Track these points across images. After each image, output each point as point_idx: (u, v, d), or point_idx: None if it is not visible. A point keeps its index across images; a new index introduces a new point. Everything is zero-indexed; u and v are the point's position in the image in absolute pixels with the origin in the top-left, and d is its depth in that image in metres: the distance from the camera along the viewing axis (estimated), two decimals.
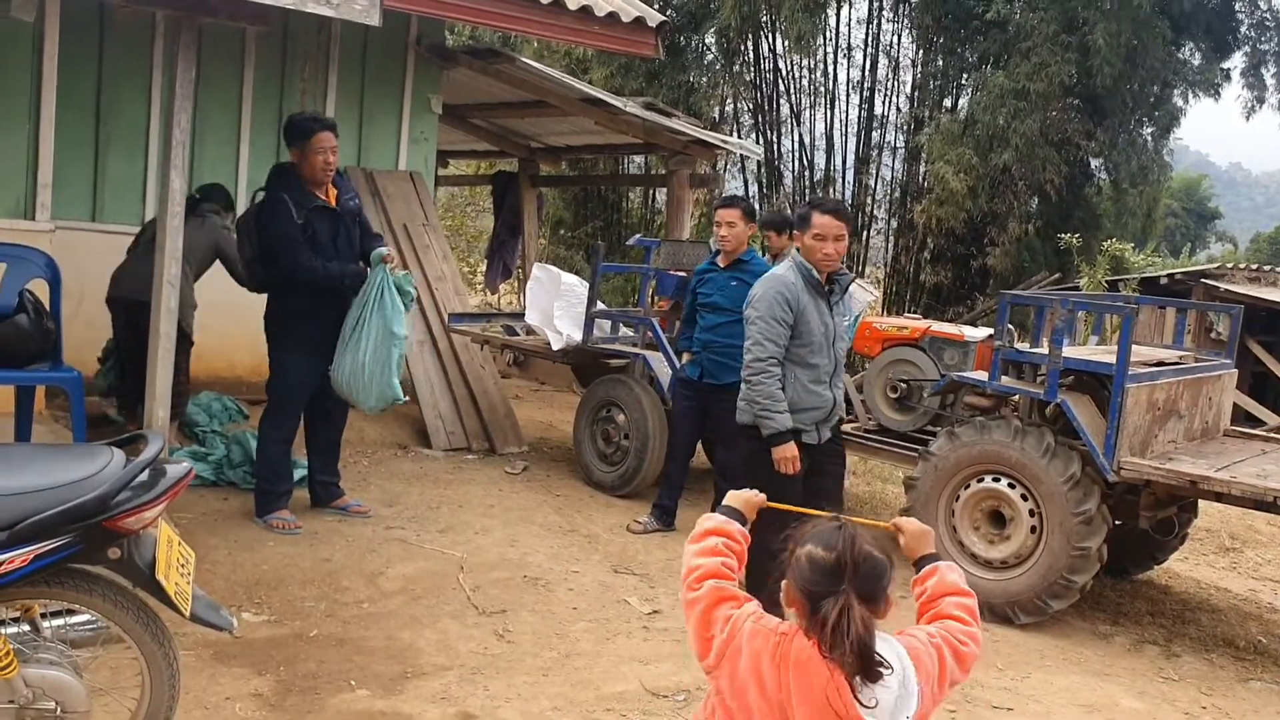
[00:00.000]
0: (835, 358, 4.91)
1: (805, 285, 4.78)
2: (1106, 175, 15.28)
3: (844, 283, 4.94)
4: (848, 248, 4.83)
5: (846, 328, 5.03)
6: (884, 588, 2.05)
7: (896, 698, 2.00)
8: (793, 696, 2.01)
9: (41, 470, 2.77)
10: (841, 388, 5.02)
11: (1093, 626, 5.66)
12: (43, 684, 2.84)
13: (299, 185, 5.50)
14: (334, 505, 5.94)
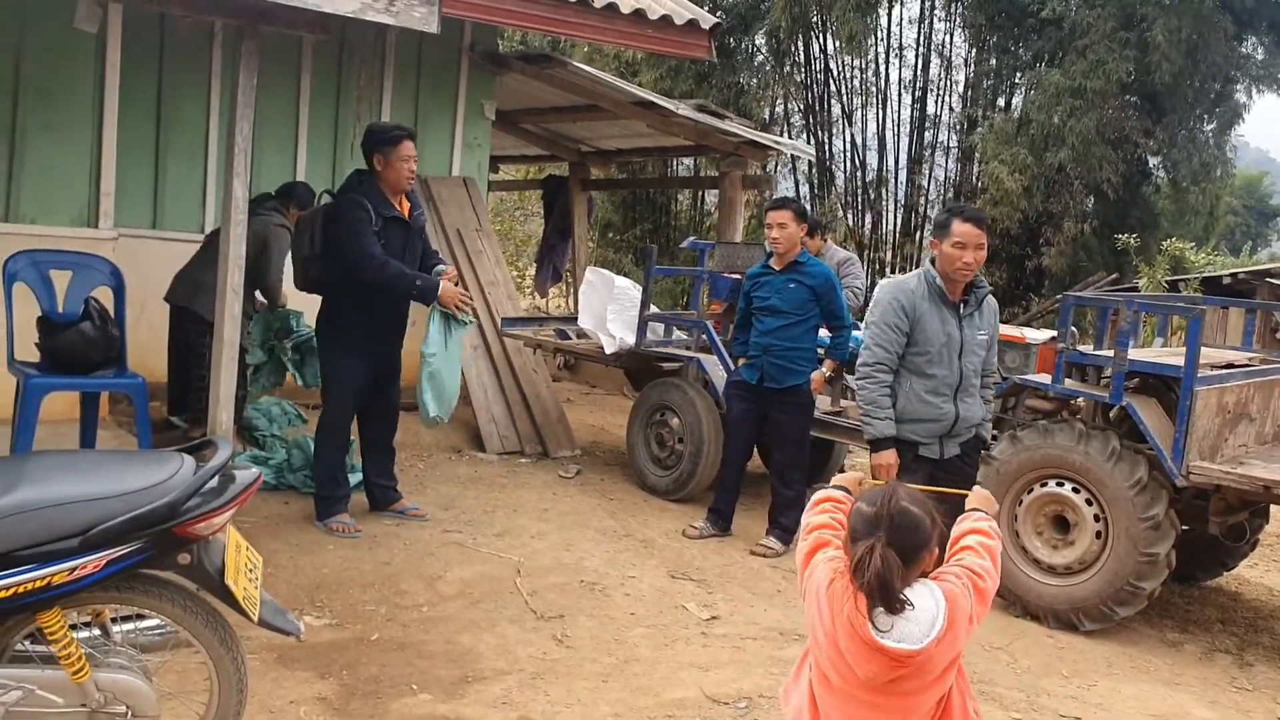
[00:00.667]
0: (962, 371, 4.70)
1: (928, 293, 4.67)
2: (1165, 173, 15.02)
3: (979, 295, 4.76)
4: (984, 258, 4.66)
5: (983, 341, 4.77)
6: (918, 541, 2.36)
7: (924, 632, 2.30)
8: (837, 619, 2.37)
9: (113, 477, 2.80)
10: (975, 404, 4.77)
11: (1161, 634, 5.54)
12: (114, 688, 2.87)
13: (379, 193, 5.53)
14: (392, 509, 5.97)
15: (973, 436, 4.82)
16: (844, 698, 2.42)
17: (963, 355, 4.68)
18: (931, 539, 2.40)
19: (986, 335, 4.74)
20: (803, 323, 6.13)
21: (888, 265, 15.96)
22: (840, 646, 2.37)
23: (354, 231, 5.44)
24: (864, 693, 2.38)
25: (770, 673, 4.44)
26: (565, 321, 8.76)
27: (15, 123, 6.30)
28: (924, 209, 16.22)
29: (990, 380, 4.81)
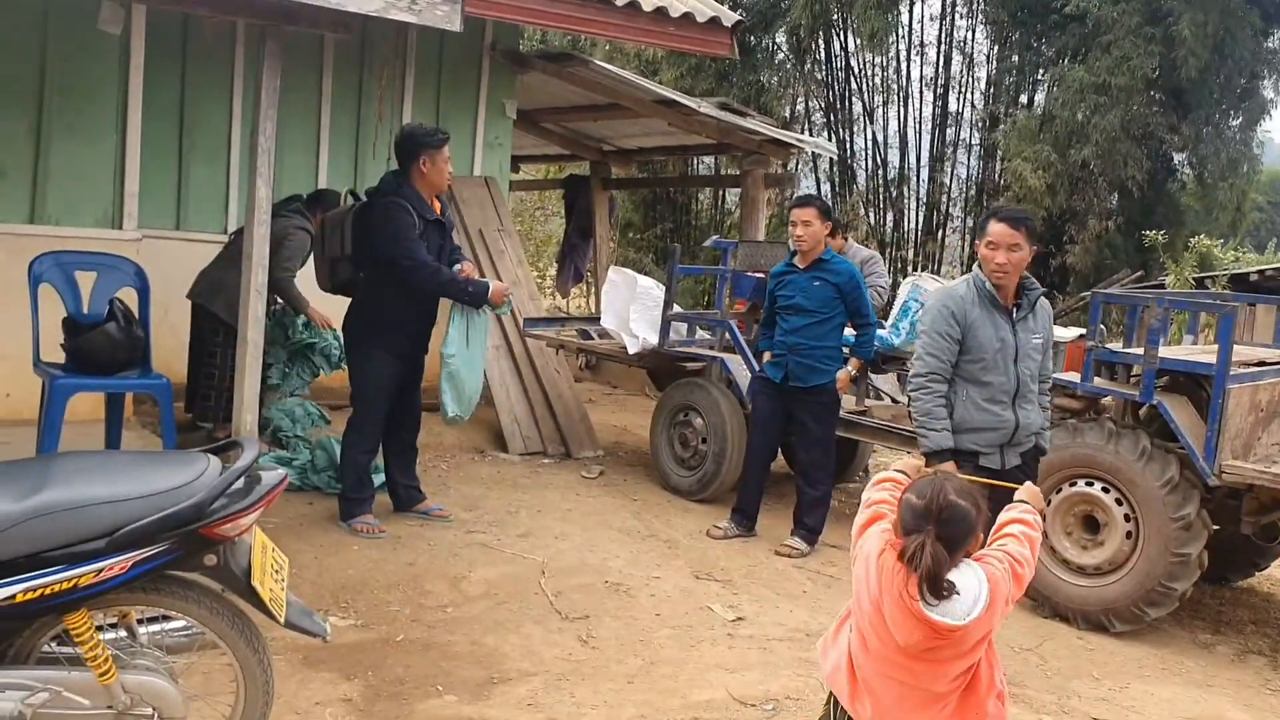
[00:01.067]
0: (1019, 377, 4.51)
1: (978, 299, 4.50)
2: (1191, 170, 14.87)
3: (1031, 298, 4.57)
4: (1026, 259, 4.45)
5: (1038, 345, 4.58)
6: (964, 531, 2.55)
7: (966, 609, 2.49)
8: (884, 588, 2.57)
9: (140, 478, 2.79)
10: (1033, 410, 4.57)
11: (1193, 635, 5.48)
12: (140, 689, 2.86)
13: (418, 196, 5.55)
14: (416, 509, 5.96)
15: (1032, 446, 4.61)
16: (880, 660, 2.61)
17: (1018, 361, 4.49)
18: (976, 527, 2.59)
19: (1041, 339, 4.55)
20: (828, 321, 6.08)
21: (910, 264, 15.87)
22: (884, 613, 2.56)
23: (405, 238, 5.45)
24: (900, 657, 2.57)
25: (797, 674, 4.41)
26: (587, 321, 8.74)
27: (40, 125, 6.32)
28: (946, 207, 16.13)
29: (1047, 386, 4.63)
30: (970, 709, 2.64)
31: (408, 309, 5.60)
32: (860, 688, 2.66)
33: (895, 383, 7.84)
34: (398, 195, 5.52)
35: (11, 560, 2.63)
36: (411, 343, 5.70)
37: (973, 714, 2.64)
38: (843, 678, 2.70)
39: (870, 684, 2.64)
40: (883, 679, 2.62)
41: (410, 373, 5.78)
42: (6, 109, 6.23)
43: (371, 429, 5.73)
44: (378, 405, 5.70)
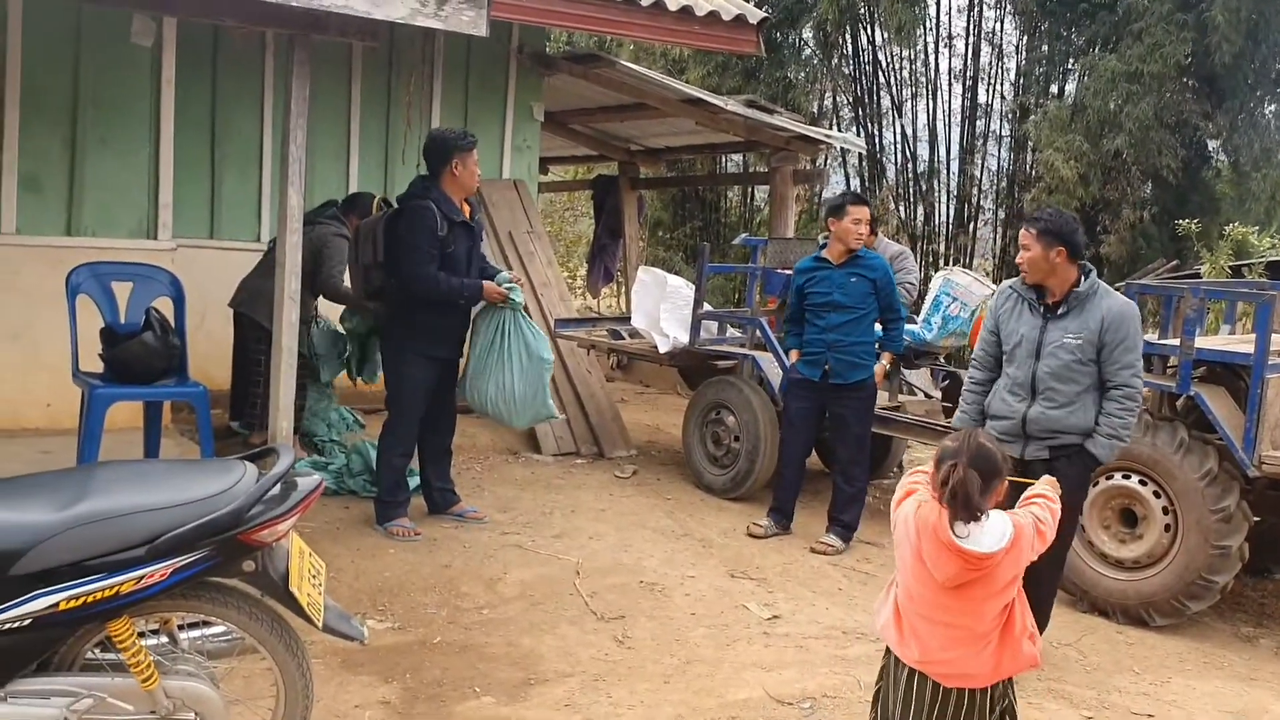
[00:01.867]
0: (1035, 373, 4.49)
1: (1016, 295, 4.63)
2: (1226, 158, 14.67)
3: (1078, 300, 4.48)
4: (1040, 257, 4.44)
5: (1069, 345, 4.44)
6: (991, 469, 2.93)
7: (994, 541, 2.90)
8: (922, 535, 2.95)
9: (178, 486, 2.83)
10: (1065, 410, 4.47)
11: (1234, 629, 5.42)
12: (182, 695, 2.89)
13: (446, 198, 5.61)
14: (451, 511, 5.99)
15: (1070, 445, 4.49)
16: (923, 603, 2.98)
17: (1040, 357, 4.48)
18: (1003, 472, 2.98)
19: (1078, 340, 4.43)
20: (866, 317, 6.11)
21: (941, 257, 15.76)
22: (924, 556, 2.94)
23: (411, 249, 5.54)
24: (941, 596, 2.94)
25: (834, 672, 4.40)
26: (618, 321, 8.75)
27: (75, 138, 6.42)
28: (977, 200, 15.99)
29: (1119, 394, 4.43)
30: (1008, 647, 3.00)
31: (439, 314, 5.64)
32: (907, 633, 3.03)
33: (929, 378, 7.80)
34: (425, 198, 5.59)
35: (55, 569, 2.67)
36: (446, 347, 5.74)
37: (1010, 652, 3.00)
38: (891, 627, 3.07)
39: (916, 628, 3.01)
40: (927, 622, 2.98)
41: (445, 376, 5.82)
42: (42, 123, 6.33)
43: (406, 432, 5.77)
44: (413, 409, 5.74)
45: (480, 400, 5.83)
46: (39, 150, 6.34)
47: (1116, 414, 4.44)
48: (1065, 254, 4.42)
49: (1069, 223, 4.48)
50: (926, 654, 2.99)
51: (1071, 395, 4.47)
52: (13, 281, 6.24)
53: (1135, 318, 4.48)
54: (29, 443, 6.03)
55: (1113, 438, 4.47)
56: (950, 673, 3.00)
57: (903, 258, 8.17)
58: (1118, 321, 4.42)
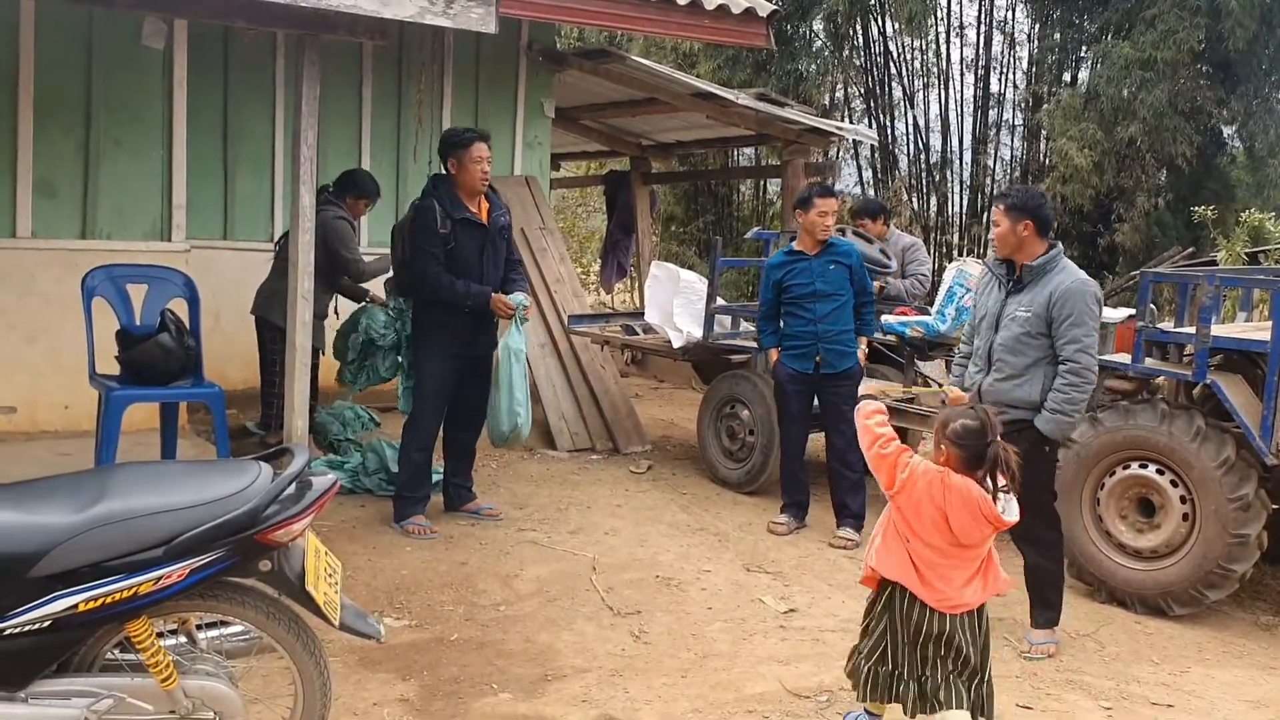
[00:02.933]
0: (990, 344, 4.73)
1: (989, 270, 4.95)
2: (1241, 144, 14.57)
3: (1031, 275, 4.65)
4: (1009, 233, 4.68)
5: (1020, 318, 4.62)
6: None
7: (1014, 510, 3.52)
8: (950, 508, 3.44)
9: (194, 487, 2.84)
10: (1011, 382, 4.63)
11: (1254, 617, 5.39)
12: (201, 694, 2.91)
13: (453, 196, 5.64)
14: (466, 508, 6.01)
15: (1020, 421, 4.58)
16: (940, 553, 3.50)
17: (997, 330, 4.73)
18: None
19: (1028, 312, 4.59)
20: (847, 304, 6.20)
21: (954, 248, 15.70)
22: (951, 521, 3.45)
23: (416, 249, 5.63)
24: (955, 550, 3.50)
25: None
26: (632, 317, 8.74)
27: (88, 141, 6.44)
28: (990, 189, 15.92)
29: (1063, 368, 4.54)
30: (990, 574, 3.59)
31: (454, 311, 5.66)
32: (927, 578, 3.50)
33: (943, 369, 7.77)
34: (429, 196, 5.66)
35: (74, 570, 2.69)
36: (463, 343, 5.73)
37: (992, 577, 3.59)
38: (911, 574, 3.51)
39: (936, 571, 3.50)
40: (942, 568, 3.50)
41: (470, 374, 5.81)
42: (55, 127, 6.36)
43: (426, 427, 5.81)
44: (434, 405, 5.79)
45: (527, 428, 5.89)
46: (53, 154, 6.37)
47: (1061, 389, 4.57)
48: (1032, 228, 4.63)
49: (1036, 198, 4.74)
50: (951, 593, 3.50)
51: (1019, 368, 4.62)
52: (29, 285, 6.27)
53: (1085, 294, 4.56)
54: (47, 445, 6.07)
55: (1057, 413, 4.57)
56: (959, 603, 3.51)
57: (915, 249, 8.15)
58: (1065, 297, 4.55)
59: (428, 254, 5.59)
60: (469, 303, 5.63)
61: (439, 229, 5.56)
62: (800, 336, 6.17)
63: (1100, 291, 4.73)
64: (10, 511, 2.71)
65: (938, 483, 3.48)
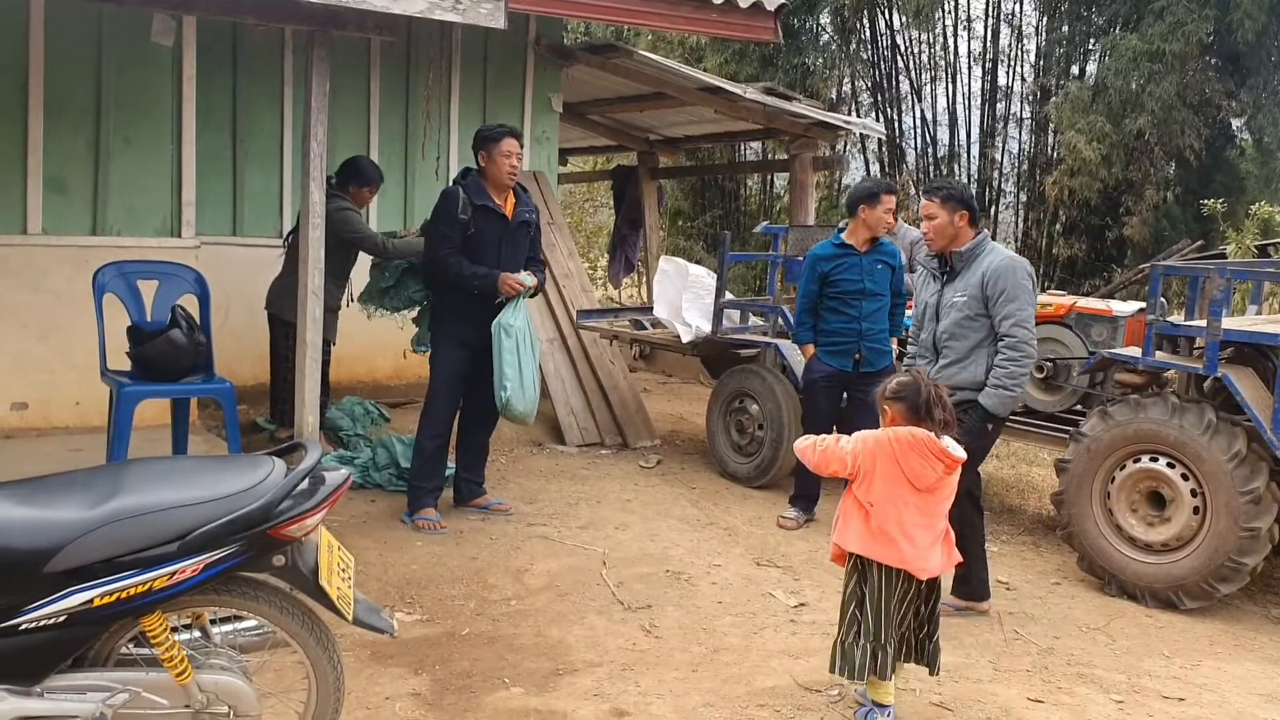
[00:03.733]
0: (935, 333, 4.92)
1: (923, 267, 5.13)
2: (1250, 136, 14.53)
3: (961, 262, 4.84)
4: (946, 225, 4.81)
5: (957, 304, 4.78)
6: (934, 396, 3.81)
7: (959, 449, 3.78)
8: (901, 456, 3.74)
9: (208, 482, 2.85)
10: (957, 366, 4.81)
11: (1265, 610, 5.38)
12: (215, 688, 2.92)
13: (479, 186, 5.68)
14: (475, 503, 6.02)
15: (963, 401, 4.69)
16: (908, 510, 3.75)
17: (939, 319, 4.88)
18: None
19: (964, 297, 4.76)
20: (886, 304, 6.18)
21: None
22: (906, 470, 3.73)
23: (432, 229, 5.70)
24: (917, 500, 3.76)
25: None
26: (640, 311, 8.74)
27: (98, 137, 6.46)
28: (998, 183, 15.91)
29: (1002, 344, 4.69)
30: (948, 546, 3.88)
31: (470, 299, 5.66)
32: (899, 540, 3.73)
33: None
34: (458, 183, 5.73)
35: (88, 566, 2.69)
36: (476, 332, 5.68)
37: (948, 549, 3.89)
38: (877, 543, 3.75)
39: (908, 534, 3.74)
40: (915, 527, 3.75)
41: (484, 366, 5.72)
42: (65, 125, 6.38)
43: (440, 416, 5.81)
44: (446, 394, 5.79)
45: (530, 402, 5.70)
46: (63, 152, 6.39)
47: (1001, 364, 4.71)
48: (967, 217, 4.79)
49: (965, 189, 4.94)
50: (917, 552, 3.74)
51: (963, 351, 4.79)
52: (41, 282, 6.30)
53: (1015, 271, 4.71)
54: (60, 441, 6.09)
55: (999, 388, 4.70)
56: (925, 566, 3.77)
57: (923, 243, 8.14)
58: (996, 275, 4.71)
59: (441, 236, 5.62)
60: (476, 284, 5.60)
61: (459, 214, 5.57)
62: (843, 334, 6.09)
63: (1031, 268, 4.87)
64: (24, 507, 2.72)
65: (885, 439, 3.78)
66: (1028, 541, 6.34)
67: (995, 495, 7.31)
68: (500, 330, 5.62)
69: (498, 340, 5.62)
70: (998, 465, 8.07)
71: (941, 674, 4.29)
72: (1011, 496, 7.38)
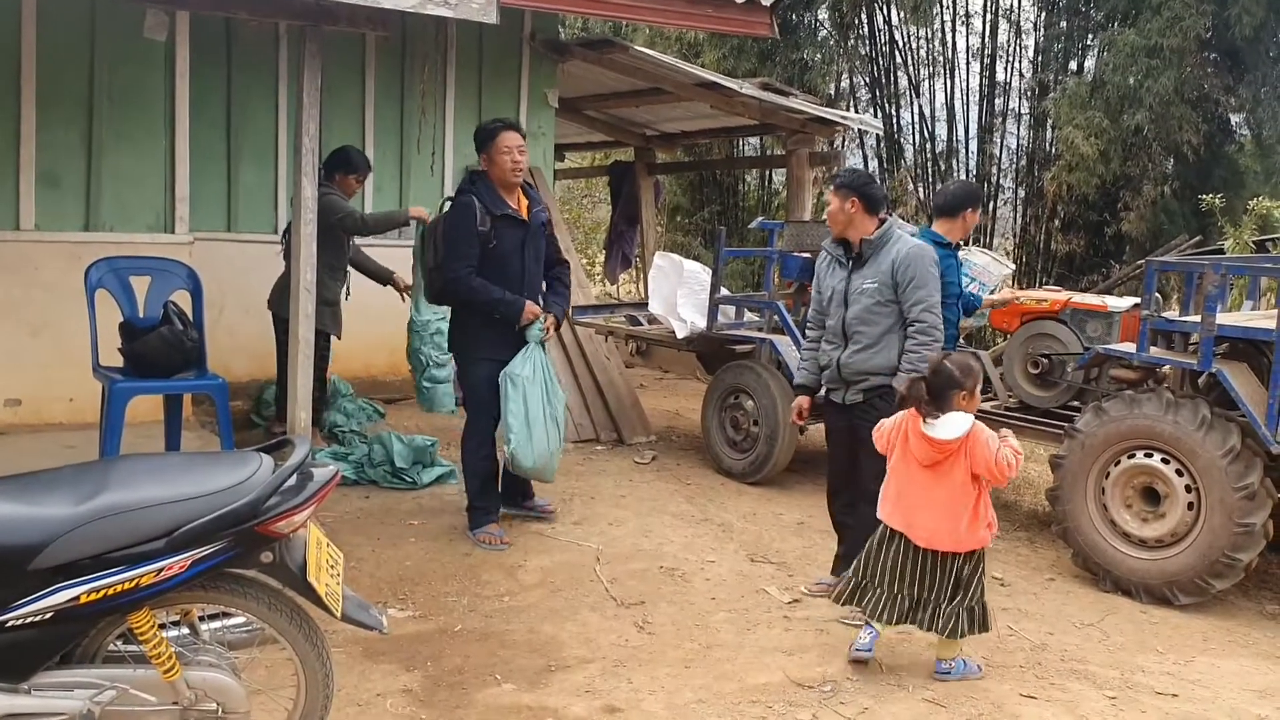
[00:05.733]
0: (845, 320, 4.94)
1: (830, 254, 5.12)
2: (1249, 131, 14.50)
3: (870, 250, 4.89)
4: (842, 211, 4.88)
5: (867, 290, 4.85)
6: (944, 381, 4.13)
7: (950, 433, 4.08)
8: (906, 434, 4.22)
9: (195, 478, 2.84)
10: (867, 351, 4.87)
11: (1259, 606, 5.38)
12: (204, 685, 2.91)
13: (491, 191, 5.38)
14: (524, 506, 5.88)
15: (880, 386, 4.85)
16: (909, 481, 4.20)
17: (847, 305, 4.91)
18: (960, 385, 4.12)
19: (874, 284, 4.83)
20: None
21: None
22: (909, 445, 4.19)
23: (450, 246, 5.36)
24: (920, 473, 4.17)
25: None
26: (636, 307, 8.73)
27: (91, 133, 6.44)
28: (996, 178, 15.87)
29: (912, 329, 4.78)
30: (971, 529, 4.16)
31: (488, 319, 5.41)
32: (900, 505, 4.21)
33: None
34: (468, 192, 5.39)
35: (75, 562, 2.69)
36: (508, 346, 5.43)
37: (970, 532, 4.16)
38: (888, 505, 4.27)
39: (905, 499, 4.21)
40: (912, 493, 4.19)
41: None
42: (59, 119, 6.36)
43: (484, 433, 5.55)
44: (486, 411, 5.50)
45: (542, 458, 5.48)
46: (56, 147, 6.37)
47: (913, 349, 4.79)
48: (859, 205, 4.85)
49: (863, 177, 4.98)
50: (909, 516, 4.17)
51: (875, 336, 4.85)
52: (33, 277, 6.28)
53: (923, 257, 4.83)
54: (53, 437, 6.08)
55: (911, 371, 4.71)
56: (922, 535, 4.15)
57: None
58: (905, 262, 4.79)
59: (460, 256, 5.30)
60: (500, 311, 5.36)
61: (478, 226, 5.28)
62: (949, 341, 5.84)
63: (937, 255, 4.96)
64: (11, 503, 2.72)
65: (902, 418, 4.26)
66: (1022, 537, 6.33)
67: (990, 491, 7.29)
68: (507, 380, 5.37)
69: (504, 389, 5.38)
70: None
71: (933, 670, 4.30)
72: (1006, 492, 7.37)
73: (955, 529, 4.13)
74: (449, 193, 8.43)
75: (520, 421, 5.38)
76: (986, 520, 4.17)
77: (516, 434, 5.38)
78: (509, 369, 5.39)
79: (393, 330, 6.62)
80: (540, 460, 5.49)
